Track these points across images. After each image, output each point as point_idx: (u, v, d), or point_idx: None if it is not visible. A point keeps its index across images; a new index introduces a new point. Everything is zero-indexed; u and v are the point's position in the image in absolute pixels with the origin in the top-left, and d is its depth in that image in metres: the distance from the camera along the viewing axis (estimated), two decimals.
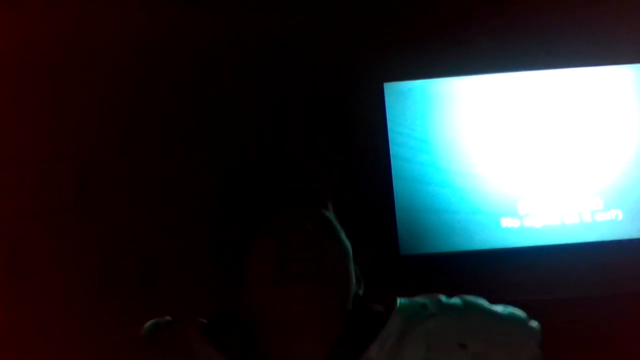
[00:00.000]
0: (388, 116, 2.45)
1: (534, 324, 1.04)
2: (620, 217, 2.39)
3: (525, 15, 2.44)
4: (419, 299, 1.06)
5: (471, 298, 1.06)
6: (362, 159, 2.43)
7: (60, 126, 2.39)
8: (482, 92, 2.48)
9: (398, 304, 1.04)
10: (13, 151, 2.36)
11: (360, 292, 1.08)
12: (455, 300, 1.05)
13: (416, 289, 1.12)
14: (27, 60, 2.40)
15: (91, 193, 2.39)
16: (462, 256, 2.38)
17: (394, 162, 2.43)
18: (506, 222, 2.40)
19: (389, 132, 2.44)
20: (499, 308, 1.06)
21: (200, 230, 2.36)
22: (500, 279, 2.35)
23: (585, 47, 2.44)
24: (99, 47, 2.43)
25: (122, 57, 2.43)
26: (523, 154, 2.43)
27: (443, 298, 1.06)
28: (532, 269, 2.36)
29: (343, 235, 1.07)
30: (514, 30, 2.43)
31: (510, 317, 1.04)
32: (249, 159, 2.44)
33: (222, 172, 2.41)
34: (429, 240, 2.41)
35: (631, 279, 2.31)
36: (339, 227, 1.08)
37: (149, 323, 1.07)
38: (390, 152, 2.43)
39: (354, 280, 1.06)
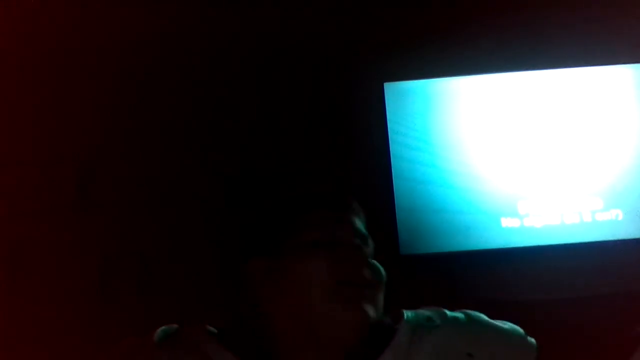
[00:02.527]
0: (388, 116, 2.45)
1: (532, 340, 1.07)
2: (620, 217, 2.39)
3: (525, 15, 2.44)
4: (424, 311, 1.08)
5: (473, 312, 1.09)
6: (362, 159, 2.43)
7: (60, 126, 2.39)
8: (482, 92, 2.48)
9: (405, 316, 1.06)
10: (13, 151, 2.36)
11: None
12: (458, 314, 1.08)
13: (416, 288, 1.13)
14: (27, 60, 2.40)
15: (91, 193, 2.39)
16: (462, 256, 2.38)
17: (394, 162, 2.43)
18: (506, 222, 2.40)
19: (389, 132, 2.44)
20: (498, 323, 1.08)
21: (200, 231, 2.36)
22: (500, 279, 2.35)
23: (585, 47, 2.44)
24: (99, 48, 2.43)
25: (122, 58, 2.43)
26: (523, 154, 2.43)
27: (447, 311, 1.08)
28: (532, 269, 2.36)
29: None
30: (514, 30, 2.43)
31: (511, 331, 1.07)
32: (249, 159, 2.44)
33: (222, 172, 2.41)
34: (429, 240, 2.41)
35: (631, 279, 2.31)
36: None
37: (159, 330, 1.04)
38: (390, 152, 2.43)
39: None
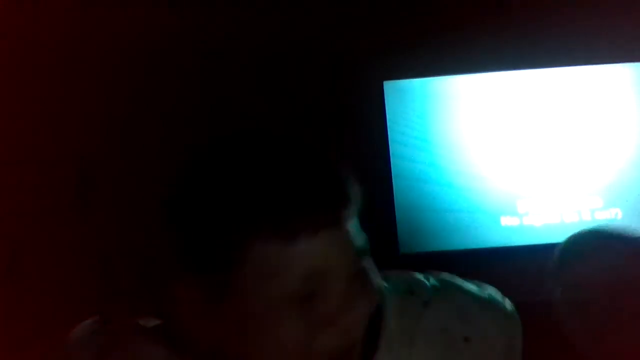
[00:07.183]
0: (388, 115, 2.45)
1: (512, 308, 0.97)
2: (619, 216, 2.39)
3: (525, 15, 2.44)
4: (401, 283, 0.92)
5: (444, 277, 0.97)
6: (362, 158, 2.43)
7: (60, 126, 2.39)
8: (482, 90, 2.48)
9: (387, 298, 0.88)
10: (13, 151, 2.36)
11: None
12: (433, 281, 0.95)
13: None
14: (27, 59, 2.40)
15: (91, 193, 2.40)
16: (462, 255, 2.38)
17: (394, 161, 2.43)
18: (506, 221, 2.40)
19: (389, 131, 2.44)
20: (474, 288, 1.00)
21: None
22: (500, 278, 2.34)
23: (584, 46, 2.44)
24: (99, 47, 2.43)
25: (122, 57, 2.43)
26: (523, 153, 2.44)
27: (422, 279, 0.94)
28: (531, 268, 2.36)
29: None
30: (514, 30, 2.43)
31: (495, 304, 0.98)
32: None
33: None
34: (429, 239, 2.41)
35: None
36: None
37: (80, 326, 0.93)
38: (390, 151, 2.43)
39: None
